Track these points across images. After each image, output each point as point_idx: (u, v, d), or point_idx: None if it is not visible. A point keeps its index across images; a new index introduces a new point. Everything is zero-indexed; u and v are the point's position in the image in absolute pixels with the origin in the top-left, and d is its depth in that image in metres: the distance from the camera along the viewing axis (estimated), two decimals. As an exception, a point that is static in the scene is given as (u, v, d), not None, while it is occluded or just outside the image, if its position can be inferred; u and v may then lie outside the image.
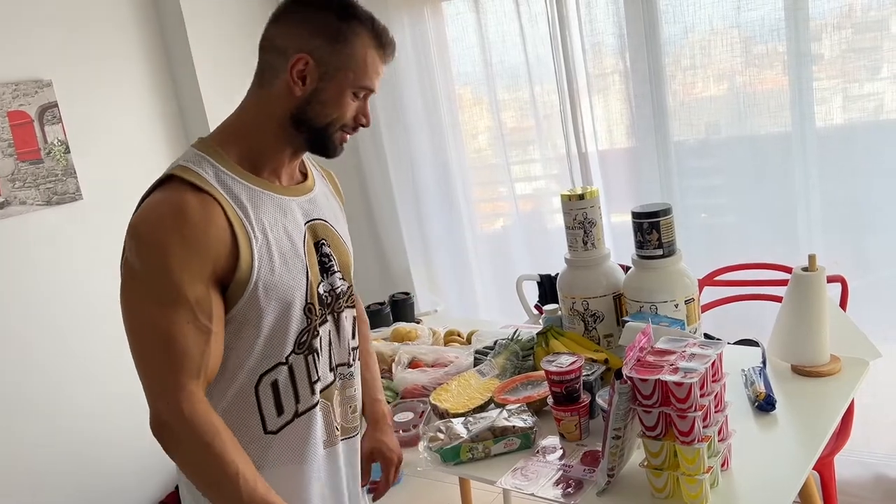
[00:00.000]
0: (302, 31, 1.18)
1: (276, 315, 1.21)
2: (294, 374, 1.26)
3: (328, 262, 1.32)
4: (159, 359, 1.12)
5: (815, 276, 1.72)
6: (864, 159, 2.31)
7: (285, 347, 1.24)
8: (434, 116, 3.17)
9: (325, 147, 1.25)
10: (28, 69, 2.54)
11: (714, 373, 1.39)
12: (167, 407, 1.11)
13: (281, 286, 1.21)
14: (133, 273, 1.14)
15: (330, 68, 1.19)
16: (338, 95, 1.21)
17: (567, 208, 1.93)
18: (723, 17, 2.41)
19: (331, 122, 1.22)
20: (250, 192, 1.20)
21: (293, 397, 1.27)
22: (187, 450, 1.12)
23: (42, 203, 2.55)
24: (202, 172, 1.17)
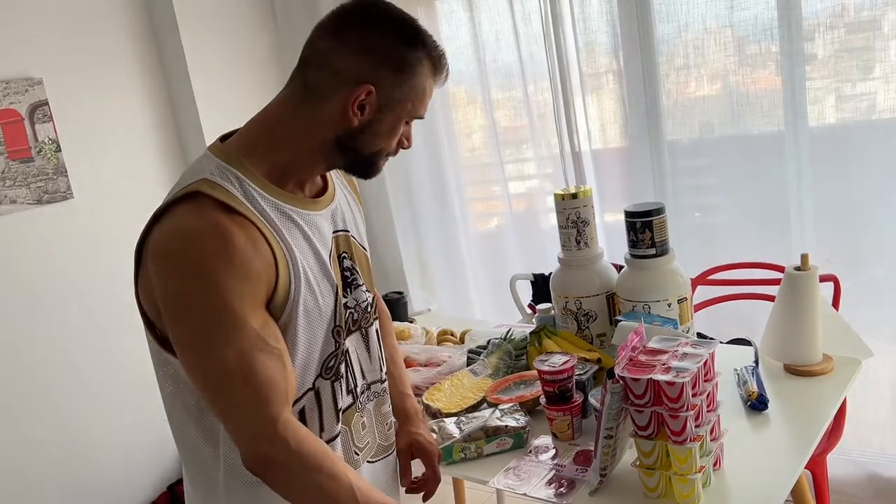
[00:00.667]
0: (367, 57, 1.09)
1: (307, 340, 1.15)
2: (321, 400, 1.20)
3: (350, 276, 1.26)
4: (246, 397, 1.05)
5: (807, 276, 1.72)
6: (857, 159, 2.31)
7: (313, 372, 1.18)
8: (427, 115, 3.14)
9: (367, 172, 1.21)
10: (19, 67, 2.52)
11: (706, 372, 1.39)
12: (271, 444, 1.05)
13: (314, 310, 1.15)
14: (189, 313, 1.04)
15: (391, 101, 1.12)
16: (393, 126, 1.15)
17: (560, 207, 1.93)
18: (716, 16, 2.41)
19: (380, 151, 1.17)
20: (280, 211, 1.13)
21: (318, 427, 1.20)
22: (300, 480, 1.07)
23: (33, 202, 2.53)
24: (231, 189, 1.08)
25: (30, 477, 2.56)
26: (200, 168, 1.11)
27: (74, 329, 2.69)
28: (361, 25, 1.10)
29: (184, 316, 1.05)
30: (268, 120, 1.16)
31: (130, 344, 2.78)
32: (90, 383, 2.73)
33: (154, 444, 2.89)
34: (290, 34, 3.31)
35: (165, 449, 2.94)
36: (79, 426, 2.70)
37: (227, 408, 1.06)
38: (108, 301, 2.73)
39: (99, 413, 2.75)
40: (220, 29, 3.02)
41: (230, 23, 3.05)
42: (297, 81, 1.14)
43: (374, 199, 3.38)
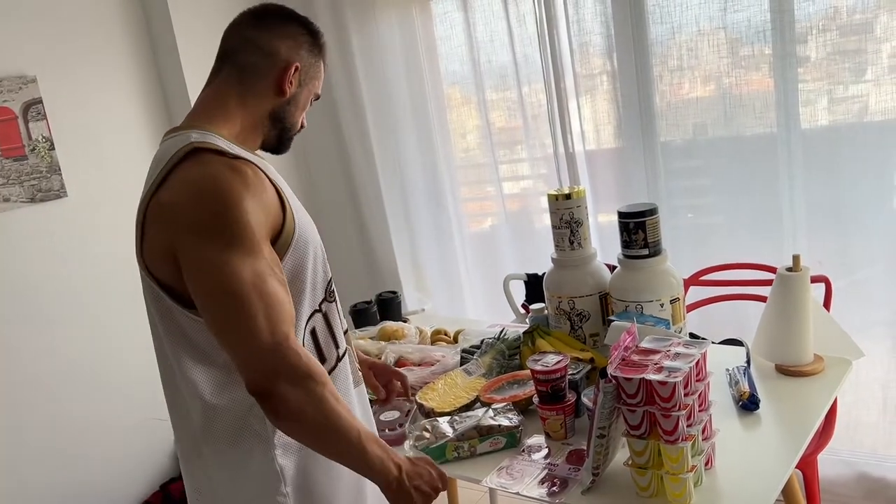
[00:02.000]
0: (291, 42, 1.31)
1: (311, 265, 1.29)
2: (329, 320, 1.34)
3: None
4: (260, 310, 1.12)
5: (799, 277, 1.73)
6: (849, 161, 2.32)
7: (318, 295, 1.32)
8: (422, 116, 3.17)
9: (283, 145, 1.38)
10: (12, 65, 2.52)
11: (698, 372, 1.40)
12: (282, 358, 1.12)
13: (312, 237, 1.30)
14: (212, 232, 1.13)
15: (308, 77, 1.35)
16: (306, 101, 1.37)
17: (554, 208, 1.94)
18: (710, 18, 2.42)
19: (295, 123, 1.37)
20: (256, 160, 1.27)
21: (333, 344, 1.34)
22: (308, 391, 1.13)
23: (26, 200, 2.53)
24: (220, 144, 1.21)
25: (23, 476, 2.55)
26: (177, 142, 1.22)
27: (68, 327, 2.68)
28: (280, 19, 1.33)
29: (208, 239, 1.13)
30: (216, 97, 1.30)
31: (124, 343, 2.77)
32: (84, 382, 2.72)
33: (147, 443, 2.88)
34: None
35: (158, 448, 2.94)
36: (72, 425, 2.69)
37: (241, 323, 1.12)
38: (101, 299, 2.72)
39: (92, 412, 2.74)
40: (214, 27, 3.00)
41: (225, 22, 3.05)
42: (228, 68, 1.31)
43: (368, 198, 3.38)
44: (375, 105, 3.22)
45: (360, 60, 3.16)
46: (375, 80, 3.18)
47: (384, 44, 3.12)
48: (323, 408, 1.15)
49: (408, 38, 3.09)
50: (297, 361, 1.13)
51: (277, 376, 1.12)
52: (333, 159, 3.44)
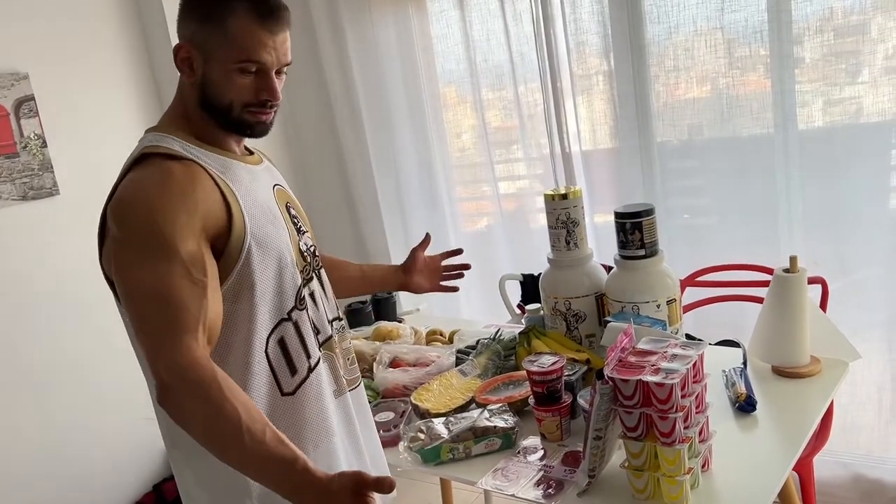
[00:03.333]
0: (183, 17, 1.23)
1: (273, 271, 1.24)
2: (300, 329, 1.28)
3: (297, 222, 1.37)
4: (156, 317, 1.08)
5: (796, 278, 1.72)
6: (845, 162, 2.32)
7: (286, 303, 1.26)
8: (418, 115, 3.15)
9: (240, 128, 1.26)
10: (4, 61, 2.49)
11: (695, 374, 1.39)
12: (165, 366, 1.05)
13: (273, 242, 1.23)
14: (120, 241, 1.13)
15: (209, 51, 1.20)
16: (224, 76, 1.21)
17: (550, 208, 1.93)
18: (707, 18, 2.41)
19: (230, 104, 1.22)
20: (220, 161, 1.24)
21: (304, 354, 1.29)
22: (186, 408, 1.05)
23: (18, 198, 2.51)
24: (173, 146, 1.20)
25: (15, 475, 2.53)
26: (137, 147, 1.24)
27: (60, 325, 2.66)
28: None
29: (118, 248, 1.13)
30: (177, 97, 1.29)
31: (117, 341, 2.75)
32: (76, 380, 2.70)
33: (139, 443, 2.86)
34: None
35: (151, 448, 2.92)
36: (65, 424, 2.67)
37: (142, 329, 1.09)
38: (93, 298, 2.70)
39: (85, 411, 2.72)
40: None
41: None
42: None
43: (362, 196, 3.37)
44: (371, 103, 3.20)
45: (355, 58, 3.15)
46: (371, 78, 3.17)
47: (380, 41, 3.11)
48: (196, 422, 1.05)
49: (404, 36, 3.08)
50: (177, 373, 1.04)
51: (162, 387, 1.05)
52: (328, 158, 3.42)
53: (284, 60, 1.25)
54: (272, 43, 1.21)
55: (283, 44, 1.24)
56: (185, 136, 1.24)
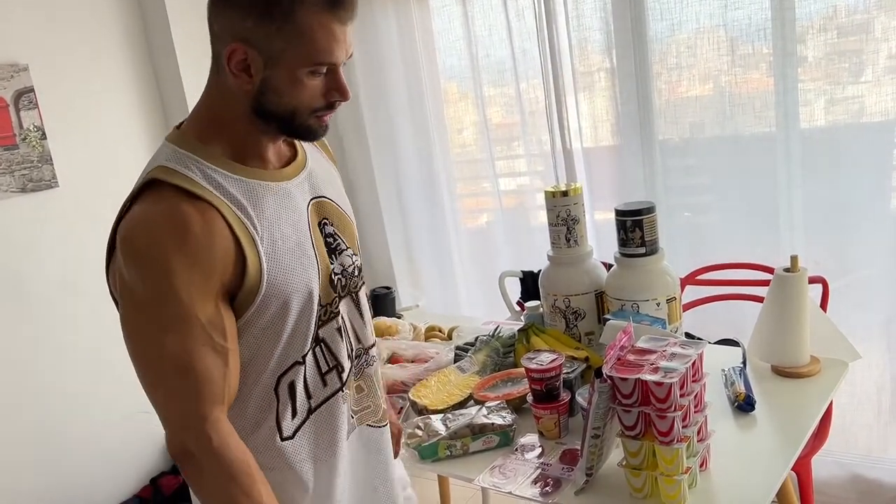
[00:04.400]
0: (233, 13, 1.02)
1: (294, 316, 1.12)
2: (306, 372, 1.17)
3: (334, 241, 1.22)
4: (179, 388, 1.03)
5: (796, 278, 1.72)
6: (847, 161, 2.31)
7: (304, 346, 1.16)
8: (418, 110, 3.14)
9: (303, 134, 1.11)
10: (4, 53, 2.48)
11: (694, 373, 1.38)
12: (194, 440, 1.02)
13: (293, 286, 1.11)
14: (136, 298, 1.03)
15: (273, 54, 1.02)
16: (291, 81, 1.04)
17: (551, 205, 1.92)
18: (710, 15, 2.40)
19: (296, 110, 1.07)
20: (245, 188, 1.09)
21: (304, 395, 1.18)
22: (212, 483, 1.04)
23: (17, 190, 2.50)
24: (190, 174, 1.05)
25: (13, 467, 2.53)
26: (156, 157, 1.10)
27: (58, 319, 2.65)
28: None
29: (132, 304, 1.03)
30: (206, 98, 1.13)
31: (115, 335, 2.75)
32: (73, 374, 2.70)
33: (137, 436, 2.86)
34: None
35: (149, 442, 2.91)
36: (62, 418, 2.67)
37: (161, 398, 1.04)
38: (91, 291, 2.70)
39: (82, 405, 2.72)
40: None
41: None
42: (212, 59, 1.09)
43: (362, 192, 3.36)
44: (371, 98, 3.20)
45: (355, 52, 3.14)
46: (371, 72, 3.16)
47: (381, 36, 3.10)
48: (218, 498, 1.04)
49: (405, 31, 3.06)
50: (207, 447, 1.02)
51: (187, 454, 1.03)
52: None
53: (349, 50, 1.08)
54: (344, 36, 1.05)
55: (351, 36, 1.08)
56: (212, 152, 1.09)
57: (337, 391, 1.21)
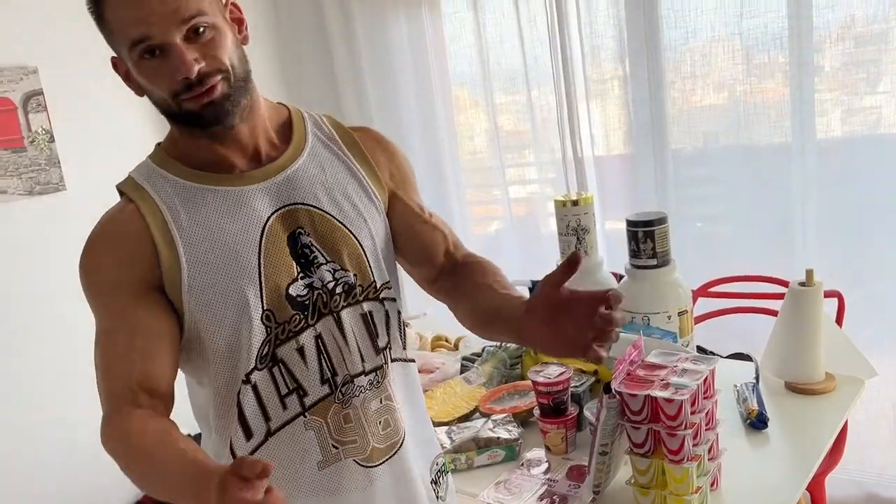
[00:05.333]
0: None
1: (225, 330, 1.06)
2: (259, 392, 1.09)
3: (311, 253, 1.11)
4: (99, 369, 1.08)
5: (811, 292, 1.68)
6: (863, 173, 2.28)
7: (244, 364, 1.08)
8: (429, 116, 3.13)
9: (195, 122, 1.04)
10: (13, 55, 2.48)
11: (705, 389, 1.35)
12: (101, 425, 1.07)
13: (220, 294, 1.05)
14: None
15: (120, 55, 1.04)
16: (139, 72, 1.02)
17: (561, 214, 1.89)
18: (725, 24, 2.37)
19: (163, 100, 1.03)
20: (183, 189, 1.08)
21: (261, 417, 1.10)
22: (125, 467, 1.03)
23: (24, 193, 2.49)
24: (136, 175, 1.11)
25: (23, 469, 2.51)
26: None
27: (62, 323, 2.64)
28: None
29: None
30: None
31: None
32: (80, 378, 2.67)
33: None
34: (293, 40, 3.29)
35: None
36: (68, 422, 2.65)
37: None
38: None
39: (88, 410, 2.70)
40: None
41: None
42: None
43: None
44: (382, 103, 3.18)
45: (365, 57, 3.13)
46: (382, 78, 3.15)
47: (392, 41, 3.08)
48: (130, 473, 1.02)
49: (416, 37, 3.05)
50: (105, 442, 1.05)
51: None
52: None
53: (181, 16, 0.97)
54: (147, 7, 0.96)
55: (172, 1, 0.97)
56: (165, 156, 1.11)
57: (297, 416, 1.11)
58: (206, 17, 1.00)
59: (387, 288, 1.21)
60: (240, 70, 1.05)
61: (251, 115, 1.09)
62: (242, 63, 1.06)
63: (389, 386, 1.18)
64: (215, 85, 1.01)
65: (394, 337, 1.21)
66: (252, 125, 1.10)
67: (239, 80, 1.04)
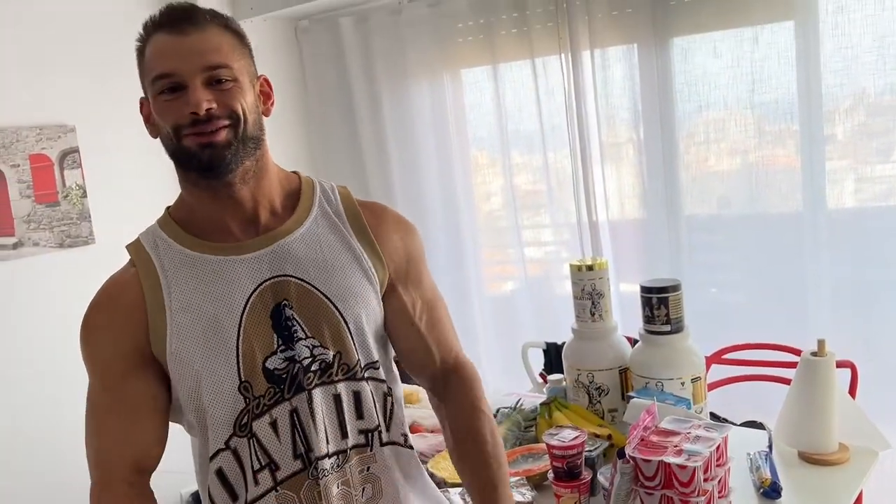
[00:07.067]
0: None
1: (205, 396, 1.08)
2: (241, 459, 1.09)
3: (292, 326, 1.10)
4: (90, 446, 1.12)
5: (824, 362, 1.70)
6: (876, 243, 2.31)
7: (223, 431, 1.08)
8: (447, 177, 3.21)
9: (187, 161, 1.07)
10: (53, 114, 2.60)
11: (719, 456, 1.36)
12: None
13: (198, 361, 1.07)
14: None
15: (146, 92, 1.10)
16: (157, 108, 1.07)
17: (576, 278, 1.93)
18: (737, 98, 2.45)
19: (169, 135, 1.06)
20: (177, 255, 1.11)
21: (243, 486, 1.10)
22: None
23: (55, 245, 2.57)
24: (143, 238, 1.16)
25: None
26: None
27: (84, 374, 2.69)
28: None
29: None
30: None
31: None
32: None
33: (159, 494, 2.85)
34: (319, 102, 3.41)
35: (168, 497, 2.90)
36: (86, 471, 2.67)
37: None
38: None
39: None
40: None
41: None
42: None
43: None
44: (402, 165, 3.27)
45: (389, 122, 3.23)
46: (403, 141, 3.24)
47: (414, 107, 3.19)
48: None
49: (438, 103, 3.15)
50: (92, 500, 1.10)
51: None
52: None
53: (206, 63, 1.03)
54: (180, 48, 1.03)
55: (201, 45, 1.03)
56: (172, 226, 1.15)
57: (268, 491, 1.09)
58: (231, 72, 1.06)
59: (373, 367, 1.16)
60: (251, 128, 1.08)
61: (256, 181, 1.11)
62: (256, 125, 1.09)
63: (349, 472, 1.13)
64: (220, 129, 1.04)
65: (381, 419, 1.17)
66: (255, 191, 1.12)
67: (247, 136, 1.07)
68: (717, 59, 2.46)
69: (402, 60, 3.11)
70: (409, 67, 3.14)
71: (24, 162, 2.48)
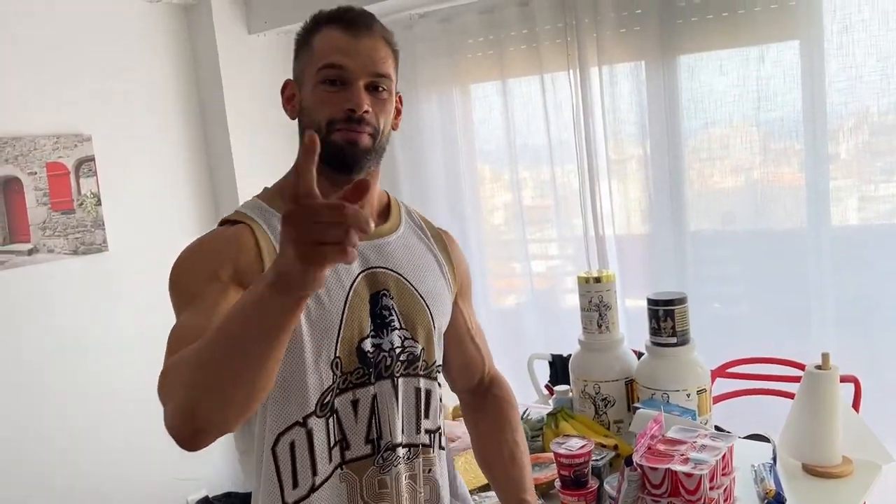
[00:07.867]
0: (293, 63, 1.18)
1: (293, 363, 1.07)
2: (313, 439, 1.10)
3: (388, 315, 1.16)
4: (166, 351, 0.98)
5: (827, 376, 1.72)
6: (879, 260, 2.33)
7: (305, 406, 1.09)
8: (455, 190, 3.24)
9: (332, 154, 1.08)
10: (70, 123, 2.64)
11: (724, 466, 1.39)
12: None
13: (304, 328, 1.07)
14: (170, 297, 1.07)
15: (301, 76, 1.15)
16: (311, 95, 1.11)
17: (583, 290, 1.96)
18: (743, 116, 2.48)
19: (319, 124, 1.10)
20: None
21: (310, 468, 1.11)
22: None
23: (69, 252, 2.61)
24: (246, 210, 1.14)
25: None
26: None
27: (102, 377, 2.72)
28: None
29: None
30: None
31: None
32: (114, 434, 2.74)
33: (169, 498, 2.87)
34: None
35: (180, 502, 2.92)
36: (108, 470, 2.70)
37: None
38: (138, 349, 2.77)
39: (128, 457, 2.75)
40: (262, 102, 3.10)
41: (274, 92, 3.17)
42: None
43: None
44: (411, 177, 3.31)
45: (398, 134, 3.26)
46: (412, 154, 3.28)
47: (424, 121, 3.23)
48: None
49: (447, 117, 3.19)
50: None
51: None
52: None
53: (375, 69, 1.10)
54: (354, 47, 1.10)
55: (372, 51, 1.11)
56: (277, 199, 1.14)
57: (336, 468, 1.13)
58: (390, 83, 1.14)
59: (439, 370, 1.25)
60: (383, 141, 1.15)
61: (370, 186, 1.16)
62: (386, 138, 1.17)
63: (418, 468, 1.19)
64: (366, 133, 1.10)
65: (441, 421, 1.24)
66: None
67: (379, 147, 1.14)
68: (724, 76, 2.49)
69: (412, 75, 3.15)
70: (420, 81, 3.18)
71: (41, 170, 2.53)
